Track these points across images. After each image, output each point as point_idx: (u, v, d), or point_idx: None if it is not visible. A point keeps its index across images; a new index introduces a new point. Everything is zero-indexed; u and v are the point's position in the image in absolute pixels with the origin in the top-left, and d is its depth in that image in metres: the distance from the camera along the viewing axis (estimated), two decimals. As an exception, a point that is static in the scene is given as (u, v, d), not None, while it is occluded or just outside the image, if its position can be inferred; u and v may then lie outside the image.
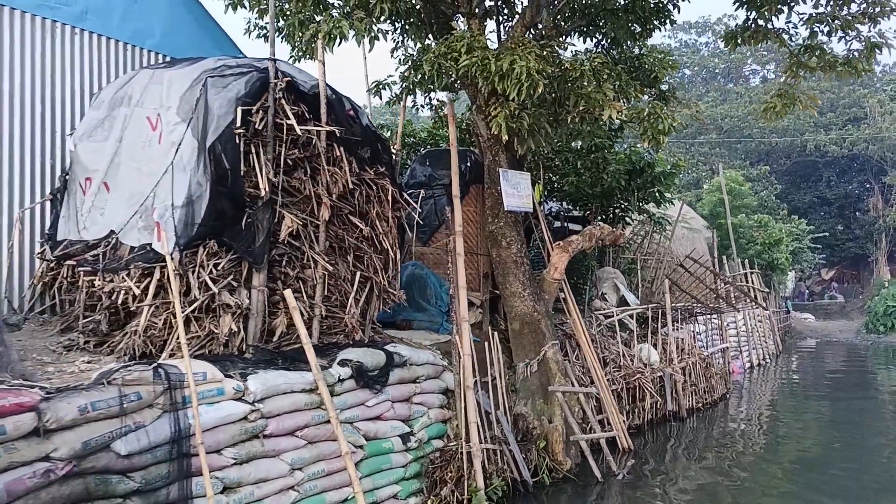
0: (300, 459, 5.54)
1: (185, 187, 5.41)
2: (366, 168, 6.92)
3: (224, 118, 5.48)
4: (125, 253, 5.45)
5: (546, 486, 7.74)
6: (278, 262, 6.11)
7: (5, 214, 6.02)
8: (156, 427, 4.50)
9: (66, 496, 3.99)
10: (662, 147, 7.63)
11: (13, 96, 6.14)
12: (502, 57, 6.42)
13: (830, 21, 7.67)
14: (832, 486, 8.03)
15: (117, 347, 5.28)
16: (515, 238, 8.95)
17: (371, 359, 6.45)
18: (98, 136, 5.87)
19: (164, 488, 4.51)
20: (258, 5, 9.55)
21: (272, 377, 5.42)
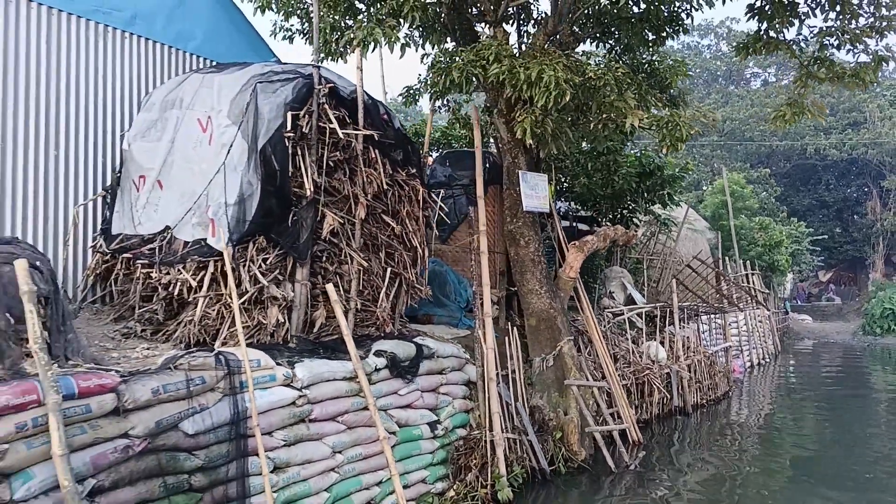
0: (340, 443, 5.90)
1: (236, 186, 5.76)
2: (398, 169, 7.28)
3: (274, 122, 5.83)
4: (180, 247, 5.80)
5: (562, 474, 8.11)
6: (319, 257, 6.46)
7: (61, 210, 6.34)
8: (217, 409, 4.85)
9: (141, 470, 4.35)
10: (679, 152, 8.00)
11: (69, 97, 6.48)
12: (531, 66, 6.77)
13: (840, 35, 8.04)
14: (828, 477, 8.44)
15: (173, 335, 5.63)
16: (533, 237, 9.32)
17: (403, 350, 6.81)
18: (151, 137, 6.22)
19: (224, 466, 4.86)
20: (285, 8, 9.90)
21: (317, 365, 5.79)
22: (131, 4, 6.91)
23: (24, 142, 6.10)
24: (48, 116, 6.30)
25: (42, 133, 6.23)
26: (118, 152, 6.73)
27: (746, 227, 23.83)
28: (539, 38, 8.56)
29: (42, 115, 6.26)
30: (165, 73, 7.30)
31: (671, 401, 11.53)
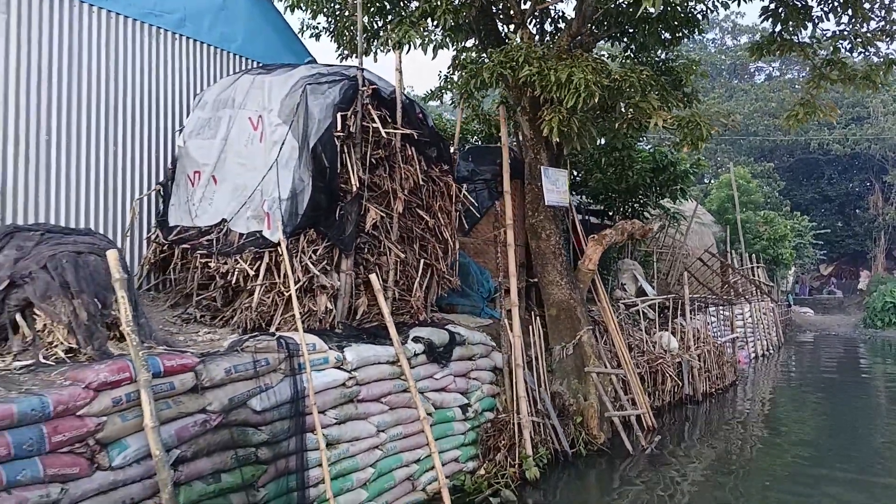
0: (384, 422, 6.31)
1: (289, 182, 6.14)
2: (432, 166, 7.67)
3: (323, 122, 6.20)
4: (235, 239, 6.19)
5: (583, 456, 8.53)
6: (361, 249, 6.85)
7: (119, 202, 6.73)
8: (280, 388, 5.26)
9: (216, 443, 4.76)
10: (700, 151, 8.38)
11: (125, 96, 6.86)
12: (560, 69, 7.14)
13: (853, 39, 8.39)
14: (829, 462, 8.86)
15: (230, 321, 6.03)
16: (554, 231, 9.70)
17: (438, 337, 7.22)
18: (206, 134, 6.60)
19: (285, 441, 5.27)
20: (312, 7, 10.24)
21: (363, 349, 6.19)
22: (181, 7, 7.28)
23: (86, 139, 6.49)
24: (107, 114, 6.69)
25: (102, 130, 6.62)
26: (171, 148, 7.10)
27: (751, 220, 24.22)
28: (563, 38, 8.90)
29: (102, 113, 6.64)
30: (211, 72, 7.67)
31: (682, 389, 11.94)
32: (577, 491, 7.70)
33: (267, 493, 5.09)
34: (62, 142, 6.31)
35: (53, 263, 4.50)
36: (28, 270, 4.47)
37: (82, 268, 4.58)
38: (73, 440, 3.96)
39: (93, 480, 4.03)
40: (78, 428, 3.98)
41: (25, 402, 3.80)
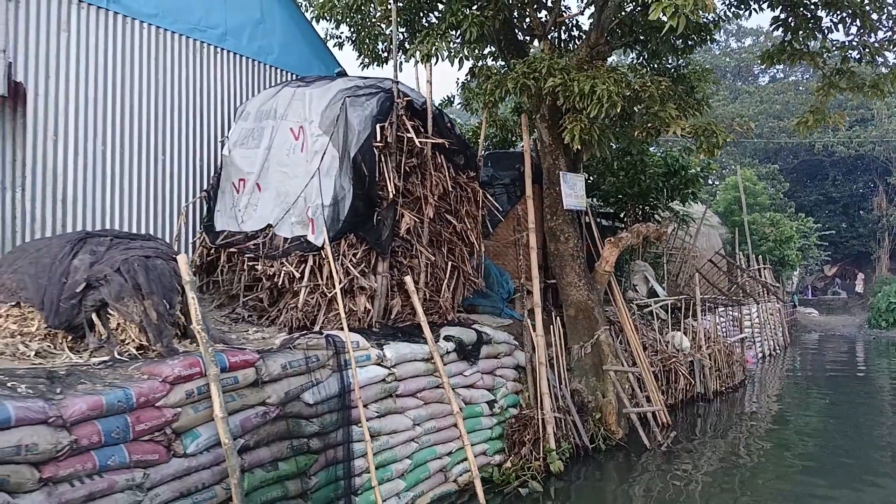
0: (419, 416, 6.67)
1: (330, 190, 6.51)
2: (459, 173, 8.03)
3: (363, 133, 6.57)
4: (280, 243, 6.56)
5: (602, 451, 8.88)
6: (395, 252, 7.21)
7: (167, 208, 7.10)
8: (329, 383, 5.63)
9: (274, 433, 5.13)
10: (715, 157, 8.72)
11: (172, 107, 7.23)
12: (583, 80, 7.49)
13: (861, 49, 8.73)
14: (833, 459, 9.19)
15: (277, 320, 6.40)
16: (572, 234, 10.05)
17: (467, 336, 7.58)
18: (250, 144, 6.97)
19: (334, 432, 5.64)
20: (336, 18, 10.60)
21: (401, 347, 6.56)
22: (222, 22, 7.65)
23: (137, 149, 6.86)
24: (156, 125, 7.06)
25: (152, 140, 6.99)
26: (214, 157, 7.48)
27: (758, 222, 24.55)
28: (582, 49, 9.25)
29: (151, 123, 7.01)
30: (250, 84, 8.05)
31: (694, 387, 12.28)
32: (598, 483, 8.05)
33: (318, 480, 5.46)
34: (116, 152, 6.69)
35: (126, 267, 4.87)
36: (103, 273, 4.83)
37: (151, 271, 4.95)
38: (153, 429, 4.33)
39: (170, 466, 4.39)
40: (157, 418, 4.35)
41: (112, 394, 4.16)
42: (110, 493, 4.02)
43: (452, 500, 7.02)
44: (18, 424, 3.67)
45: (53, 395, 4.04)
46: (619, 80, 7.65)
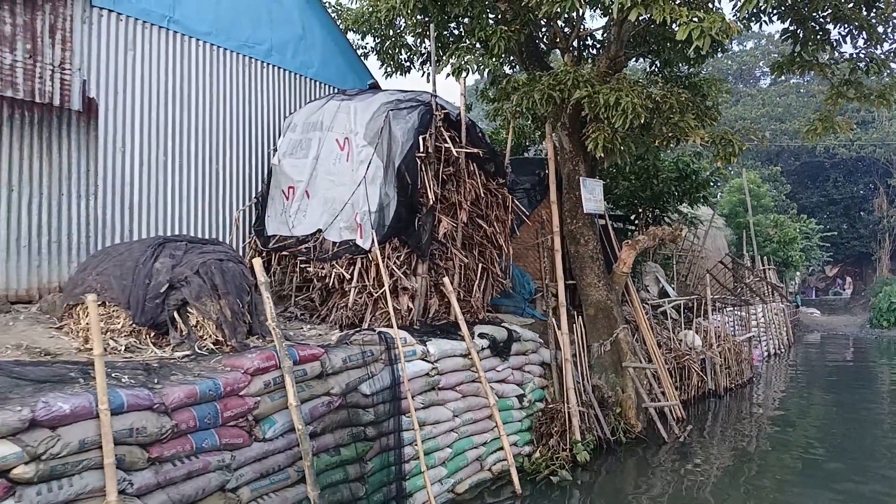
0: (458, 408, 7.14)
1: (376, 197, 6.98)
2: (490, 179, 8.50)
3: (406, 143, 7.04)
4: (329, 247, 7.03)
5: (623, 443, 9.34)
6: (432, 255, 7.68)
7: (220, 214, 7.58)
8: (382, 376, 6.10)
9: (337, 421, 5.60)
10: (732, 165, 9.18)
11: (225, 119, 7.70)
12: (609, 93, 7.96)
13: (868, 62, 9.20)
14: (837, 453, 9.63)
15: (327, 318, 6.87)
16: (592, 237, 10.51)
17: (499, 334, 8.05)
18: (298, 154, 7.44)
19: (386, 421, 6.11)
20: (363, 30, 11.07)
21: (442, 343, 7.02)
22: (268, 38, 8.12)
23: (193, 158, 7.33)
24: (209, 136, 7.52)
25: (207, 150, 7.46)
26: (262, 166, 7.95)
27: (762, 224, 25.02)
28: (602, 61, 9.72)
29: (207, 134, 7.48)
30: (293, 97, 8.52)
31: (705, 384, 12.75)
32: (622, 473, 8.51)
33: (373, 466, 5.93)
34: (176, 161, 7.16)
35: (204, 269, 5.34)
36: (184, 275, 5.30)
37: (227, 273, 5.42)
38: (237, 416, 4.80)
39: (252, 449, 4.86)
40: (240, 406, 4.82)
41: (203, 384, 4.63)
42: (205, 472, 4.50)
43: (487, 487, 7.48)
44: (129, 410, 4.14)
45: (152, 384, 4.50)
46: (642, 92, 8.11)
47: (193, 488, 4.39)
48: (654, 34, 10.86)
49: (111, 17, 6.56)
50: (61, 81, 6.12)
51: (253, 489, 4.83)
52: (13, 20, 5.78)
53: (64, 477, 3.79)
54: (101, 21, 6.48)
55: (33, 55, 5.92)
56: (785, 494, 7.75)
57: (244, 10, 7.81)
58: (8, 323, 5.43)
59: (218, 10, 7.50)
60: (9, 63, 5.75)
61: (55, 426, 3.81)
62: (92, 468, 3.90)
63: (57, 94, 6.09)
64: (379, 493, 5.97)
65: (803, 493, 7.76)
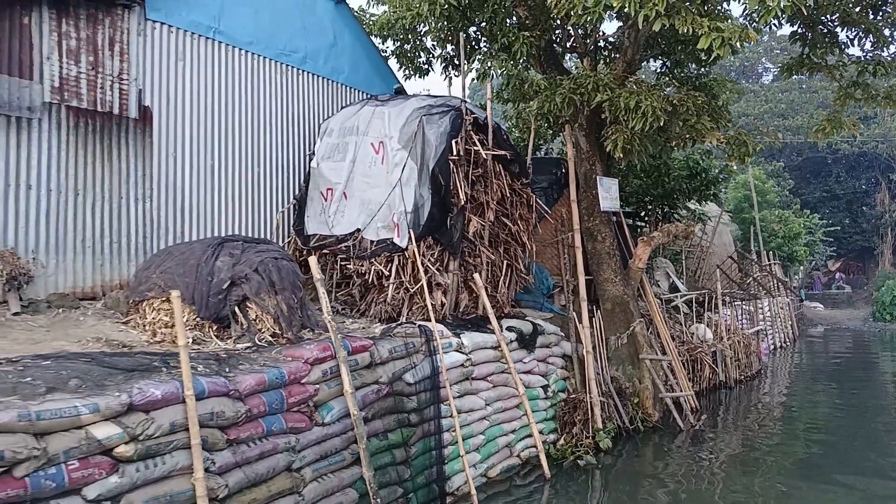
0: (489, 398, 7.54)
1: (411, 198, 7.37)
2: (514, 180, 8.89)
3: (439, 147, 7.43)
4: (368, 245, 7.43)
5: (641, 432, 9.75)
6: (462, 252, 8.07)
7: (262, 214, 7.98)
8: (423, 366, 6.50)
9: (384, 408, 6.00)
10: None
11: (264, 124, 8.09)
12: (629, 96, 8.34)
13: (876, 64, 9.57)
14: (842, 442, 10.04)
15: (366, 313, 7.27)
16: (608, 234, 10.89)
17: (525, 327, 8.46)
18: (336, 157, 7.83)
19: (427, 408, 6.51)
20: (382, 34, 11.44)
21: (475, 336, 7.43)
22: (303, 47, 8.50)
23: (236, 162, 7.73)
24: (251, 140, 7.92)
25: (248, 154, 7.85)
26: (298, 168, 8.34)
27: (767, 219, 25.39)
28: (619, 64, 10.09)
29: (247, 139, 7.88)
30: (325, 101, 8.92)
31: (716, 376, 13.15)
32: (642, 458, 8.92)
33: (416, 450, 6.33)
34: (221, 165, 7.55)
35: (262, 267, 5.73)
36: (244, 273, 5.70)
37: (282, 270, 5.82)
38: (300, 402, 5.20)
39: (312, 433, 5.27)
40: (302, 393, 5.22)
41: (271, 372, 5.03)
42: (274, 453, 4.90)
43: (517, 472, 7.89)
44: (209, 396, 4.55)
45: (225, 373, 4.90)
46: (660, 95, 8.49)
47: (265, 467, 4.80)
48: (666, 36, 11.22)
49: (163, 30, 6.96)
50: (120, 91, 6.51)
51: (314, 470, 5.23)
52: (77, 34, 6.16)
53: (157, 456, 4.19)
54: (154, 33, 6.87)
55: (95, 67, 6.31)
56: (791, 479, 8.15)
57: (281, 20, 8.20)
58: (79, 318, 5.83)
59: (258, 21, 7.89)
60: (74, 75, 6.14)
61: (148, 410, 4.21)
62: (181, 448, 4.30)
63: (116, 103, 6.48)
64: (421, 476, 6.38)
65: (809, 477, 8.17)
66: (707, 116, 8.76)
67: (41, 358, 4.43)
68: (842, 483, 7.89)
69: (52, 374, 4.17)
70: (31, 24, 5.84)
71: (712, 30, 6.47)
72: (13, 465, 3.58)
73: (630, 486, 7.89)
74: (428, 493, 6.42)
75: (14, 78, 5.70)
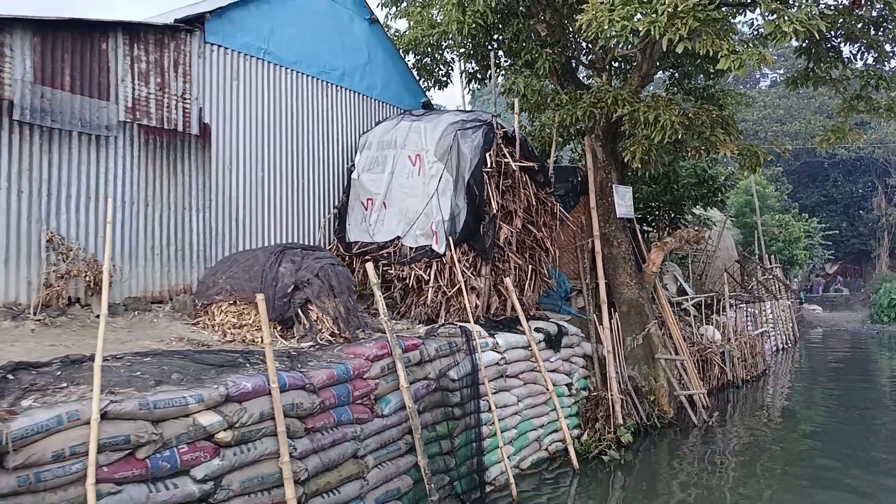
0: (521, 394, 8.04)
1: (448, 207, 7.89)
2: (539, 189, 9.42)
3: (473, 160, 7.96)
4: (407, 251, 7.95)
5: (658, 428, 10.26)
6: (493, 258, 8.59)
7: (305, 222, 8.49)
8: (464, 364, 7.00)
9: (432, 402, 6.51)
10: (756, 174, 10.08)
11: (307, 138, 8.62)
12: (647, 110, 8.88)
13: (878, 78, 10.13)
14: (843, 436, 10.55)
15: (408, 314, 7.78)
16: (624, 239, 11.43)
17: (551, 328, 8.97)
18: (376, 170, 8.36)
19: (468, 403, 7.01)
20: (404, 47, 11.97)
21: (508, 336, 7.94)
22: (341, 65, 9.04)
23: (283, 174, 8.25)
24: (295, 153, 8.44)
25: (293, 166, 8.37)
26: (337, 178, 8.87)
27: (767, 224, 25.98)
28: (634, 78, 10.64)
29: (292, 152, 8.40)
30: (361, 116, 9.45)
31: (725, 375, 13.68)
32: (662, 452, 9.43)
33: (459, 441, 6.83)
34: (270, 177, 8.07)
35: (323, 272, 6.25)
36: (306, 278, 6.21)
37: (340, 275, 6.33)
38: (363, 395, 5.70)
39: (373, 424, 5.77)
40: (365, 387, 5.73)
41: (338, 368, 5.54)
42: (343, 441, 5.40)
43: (545, 465, 8.39)
44: (290, 389, 5.05)
45: (298, 369, 5.41)
46: (676, 109, 9.04)
47: (337, 454, 5.30)
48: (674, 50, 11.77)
49: (220, 51, 7.47)
50: (183, 109, 7.03)
51: (375, 457, 5.74)
52: (147, 58, 6.68)
53: (250, 441, 4.69)
54: (212, 55, 7.38)
55: (162, 87, 6.82)
56: (797, 468, 8.67)
57: (322, 40, 8.73)
58: (153, 320, 6.33)
59: (302, 42, 8.42)
60: (144, 95, 6.65)
61: (241, 401, 4.71)
62: (268, 435, 4.80)
63: (180, 120, 7.00)
64: (464, 466, 6.87)
65: (814, 469, 8.69)
66: (720, 129, 9.30)
67: (140, 355, 4.93)
68: (846, 476, 8.40)
69: (156, 368, 4.67)
70: (109, 50, 6.35)
71: (731, 52, 7.00)
72: (136, 447, 4.09)
73: (651, 477, 8.41)
74: (470, 482, 6.91)
75: (94, 99, 6.21)
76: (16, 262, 5.68)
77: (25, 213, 5.75)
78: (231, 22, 7.50)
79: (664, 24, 6.99)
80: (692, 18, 6.81)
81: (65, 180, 6.01)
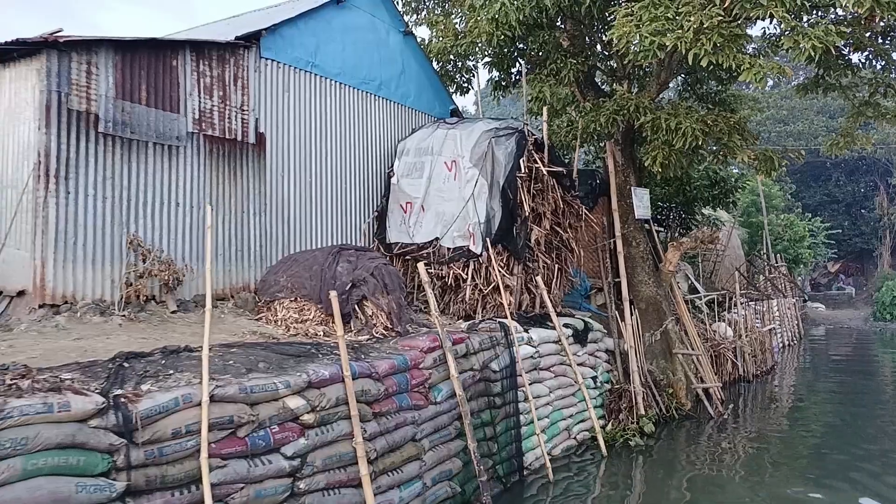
0: (552, 386, 8.57)
1: (483, 210, 8.42)
2: (566, 193, 9.94)
3: (507, 166, 8.48)
4: (445, 252, 8.47)
5: (676, 419, 10.78)
6: (524, 258, 9.12)
7: (348, 225, 9.02)
8: (504, 356, 7.53)
9: (478, 391, 7.03)
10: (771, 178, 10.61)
11: (349, 144, 9.14)
12: (669, 118, 9.39)
13: (885, 86, 10.66)
14: (851, 431, 11.06)
15: (447, 311, 8.30)
16: (642, 239, 11.95)
17: (578, 324, 9.50)
18: (414, 175, 8.89)
19: (507, 393, 7.54)
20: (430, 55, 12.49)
21: (540, 331, 8.46)
22: (378, 75, 9.57)
23: (328, 179, 8.77)
24: (339, 159, 8.97)
25: (337, 172, 8.90)
26: (375, 183, 9.40)
27: (773, 223, 26.50)
28: (653, 86, 11.16)
29: (336, 158, 8.92)
30: (397, 124, 9.98)
31: (737, 370, 14.21)
32: (682, 440, 9.96)
33: (500, 429, 7.35)
34: (317, 183, 8.60)
35: (377, 272, 6.77)
36: (362, 276, 6.73)
37: (392, 274, 6.85)
38: (419, 384, 6.22)
39: (428, 410, 6.28)
40: (421, 376, 6.25)
41: (398, 358, 6.06)
42: (404, 425, 5.92)
43: (574, 452, 8.92)
44: (359, 377, 5.57)
45: (361, 360, 5.93)
46: (696, 116, 9.55)
47: (399, 436, 5.82)
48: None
49: (273, 65, 8.00)
50: (242, 120, 7.54)
51: (430, 441, 6.26)
52: (211, 73, 7.20)
53: (328, 423, 5.21)
54: (266, 69, 7.91)
55: (224, 100, 7.34)
56: (805, 460, 9.18)
57: (362, 52, 9.26)
58: (219, 316, 6.85)
59: (344, 55, 8.95)
60: (209, 107, 7.17)
61: (320, 387, 5.23)
62: (343, 418, 5.32)
63: (239, 130, 7.52)
64: (504, 451, 7.40)
65: (822, 461, 9.20)
66: (738, 135, 9.81)
67: (227, 346, 5.45)
68: (853, 469, 8.89)
69: (244, 358, 5.20)
70: (178, 66, 6.86)
71: (752, 65, 7.51)
72: (237, 427, 4.61)
73: (671, 461, 8.94)
74: (509, 466, 7.44)
75: (166, 112, 6.73)
76: (101, 263, 6.20)
77: (109, 218, 6.27)
78: (283, 38, 8.02)
79: (690, 40, 7.50)
80: (717, 35, 7.31)
81: (142, 187, 6.53)
